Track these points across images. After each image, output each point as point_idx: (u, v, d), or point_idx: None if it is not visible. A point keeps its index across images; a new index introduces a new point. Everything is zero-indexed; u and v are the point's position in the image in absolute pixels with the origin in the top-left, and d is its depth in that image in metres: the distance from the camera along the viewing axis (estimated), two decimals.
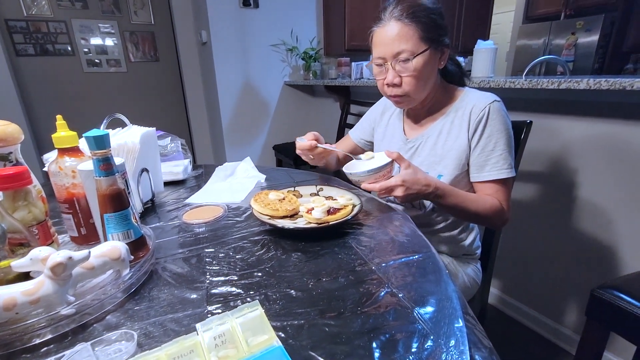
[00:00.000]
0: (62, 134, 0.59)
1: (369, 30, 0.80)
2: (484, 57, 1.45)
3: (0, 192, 0.49)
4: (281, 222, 0.64)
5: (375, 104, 1.05)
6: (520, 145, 0.91)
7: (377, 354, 0.35)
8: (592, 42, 3.21)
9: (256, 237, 0.63)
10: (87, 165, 0.56)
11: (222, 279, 0.50)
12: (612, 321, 0.72)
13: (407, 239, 0.61)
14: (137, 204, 0.75)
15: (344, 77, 2.60)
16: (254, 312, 0.39)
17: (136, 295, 0.47)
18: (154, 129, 0.87)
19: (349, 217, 0.64)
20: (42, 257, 0.40)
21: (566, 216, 1.26)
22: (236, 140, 2.82)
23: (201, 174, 1.08)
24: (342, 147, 1.10)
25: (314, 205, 0.67)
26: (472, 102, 0.80)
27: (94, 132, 0.48)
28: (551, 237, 1.33)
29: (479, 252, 0.96)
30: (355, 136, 1.08)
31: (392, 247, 0.58)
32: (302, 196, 0.78)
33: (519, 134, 0.90)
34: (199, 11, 2.61)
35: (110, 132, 0.75)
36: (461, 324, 0.39)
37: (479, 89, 0.86)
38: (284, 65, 2.83)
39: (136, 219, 0.54)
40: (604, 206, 1.15)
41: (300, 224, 0.65)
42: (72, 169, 0.59)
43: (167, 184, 0.97)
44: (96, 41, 2.66)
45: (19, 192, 0.50)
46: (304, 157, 0.89)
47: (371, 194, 0.81)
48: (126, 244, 0.50)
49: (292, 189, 0.80)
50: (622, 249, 1.13)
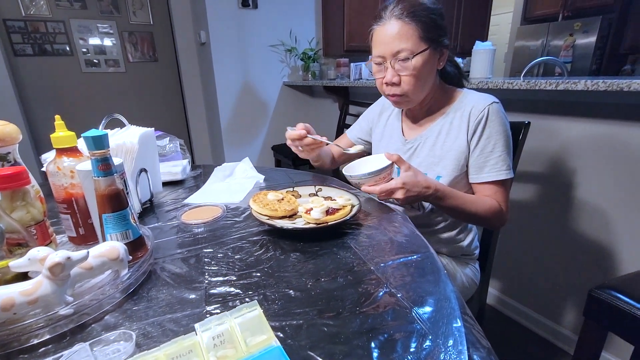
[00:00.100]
0: (61, 134, 0.58)
1: (369, 28, 0.80)
2: (482, 58, 1.45)
3: None
4: (280, 223, 0.64)
5: (373, 103, 1.05)
6: (518, 146, 0.91)
7: (375, 354, 0.35)
8: (589, 43, 3.22)
9: (255, 238, 0.63)
10: (86, 165, 0.56)
11: (221, 279, 0.50)
12: (610, 321, 0.72)
13: (405, 239, 0.61)
14: (135, 204, 0.74)
15: (343, 77, 2.60)
16: (252, 312, 0.39)
17: (135, 295, 0.47)
18: (153, 129, 0.87)
19: (348, 217, 0.64)
20: (41, 257, 0.40)
21: (564, 217, 1.26)
22: (235, 140, 2.82)
23: (200, 174, 1.08)
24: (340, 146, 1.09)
25: (313, 205, 0.67)
26: (471, 104, 0.80)
27: (92, 132, 0.48)
28: (549, 237, 1.33)
29: (477, 252, 0.96)
30: (352, 135, 1.08)
31: (391, 247, 0.58)
32: (300, 196, 0.78)
33: (517, 135, 0.91)
34: (198, 11, 2.61)
35: (108, 132, 0.75)
36: (459, 324, 0.39)
37: (477, 90, 0.86)
38: (282, 65, 2.83)
39: (135, 219, 0.54)
40: (602, 207, 1.16)
41: (299, 224, 0.65)
42: (71, 169, 0.59)
43: (165, 184, 0.97)
44: (95, 41, 2.66)
45: (17, 192, 0.49)
46: (293, 147, 0.88)
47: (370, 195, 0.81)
48: (125, 244, 0.50)
49: (290, 189, 0.80)
50: (620, 249, 1.13)
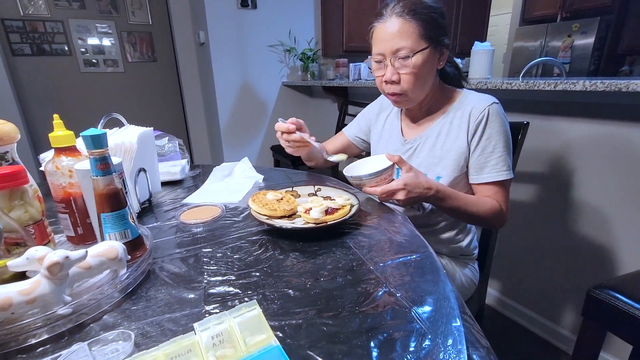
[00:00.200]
0: (59, 133, 0.58)
1: (369, 26, 0.80)
2: (481, 59, 1.46)
3: None
4: (279, 222, 0.64)
5: (372, 102, 1.04)
6: (517, 146, 0.91)
7: (375, 353, 0.35)
8: (588, 44, 3.23)
9: (254, 237, 0.63)
10: (84, 164, 0.56)
11: (220, 278, 0.50)
12: (609, 321, 0.72)
13: (405, 239, 0.61)
14: (134, 204, 0.74)
15: (342, 78, 2.60)
16: (251, 312, 0.39)
17: (133, 295, 0.47)
18: (152, 129, 0.87)
19: (347, 217, 0.64)
20: (39, 256, 0.40)
21: (562, 217, 1.26)
22: (234, 140, 2.82)
23: (199, 174, 1.08)
24: (335, 143, 1.08)
25: (312, 205, 0.67)
26: (471, 104, 0.80)
27: (91, 132, 0.48)
28: (547, 237, 1.33)
29: (476, 252, 0.96)
30: (350, 133, 1.07)
31: (390, 247, 0.58)
32: (300, 196, 0.78)
33: (516, 135, 0.91)
34: (197, 12, 2.61)
35: (107, 131, 0.74)
36: (459, 323, 0.39)
37: (476, 90, 0.86)
38: (282, 65, 2.83)
39: (133, 219, 0.54)
40: (601, 207, 1.16)
41: (298, 224, 0.65)
42: (69, 168, 0.58)
43: (164, 184, 0.97)
44: (93, 41, 2.65)
45: (16, 192, 0.49)
46: (281, 141, 0.86)
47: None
48: (123, 243, 0.50)
49: (290, 189, 0.80)
50: (618, 250, 1.14)
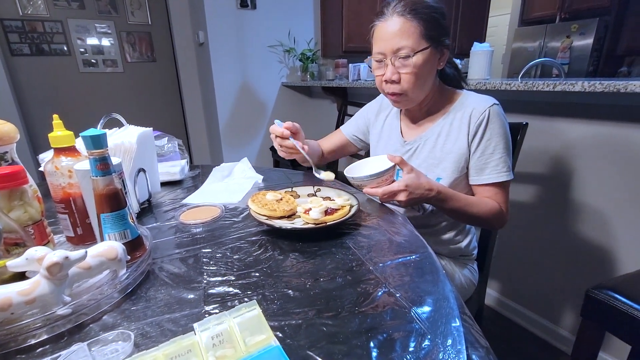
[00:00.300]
0: (59, 133, 0.58)
1: (370, 25, 0.79)
2: (480, 59, 1.46)
3: None
4: (279, 223, 0.64)
5: (371, 101, 1.04)
6: (516, 146, 0.91)
7: (374, 354, 0.35)
8: (586, 45, 3.24)
9: (253, 238, 0.63)
10: (84, 165, 0.56)
11: (220, 279, 0.50)
12: (607, 321, 0.72)
13: (404, 239, 0.61)
14: (133, 204, 0.74)
15: (342, 78, 2.60)
16: (251, 312, 0.39)
17: (133, 295, 0.47)
18: (151, 129, 0.87)
19: (347, 217, 0.64)
20: (38, 256, 0.40)
21: (561, 217, 1.27)
22: (233, 141, 2.82)
23: (198, 175, 1.08)
24: (331, 141, 1.08)
25: (312, 205, 0.67)
26: (471, 105, 0.80)
27: (91, 132, 0.48)
28: (546, 238, 1.34)
29: (476, 253, 0.97)
30: (347, 132, 1.06)
31: (390, 247, 0.58)
32: (299, 197, 0.78)
33: (515, 136, 0.91)
34: (196, 12, 2.61)
35: (107, 132, 0.74)
36: (458, 323, 0.40)
37: (475, 91, 0.86)
38: (281, 66, 2.83)
39: (133, 219, 0.54)
40: (599, 207, 1.16)
41: (297, 224, 0.65)
42: (69, 168, 0.58)
43: (164, 185, 0.97)
44: (92, 41, 2.65)
45: (15, 192, 0.49)
46: (275, 143, 0.85)
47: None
48: (123, 244, 0.50)
49: (289, 189, 0.80)
50: (617, 250, 1.14)
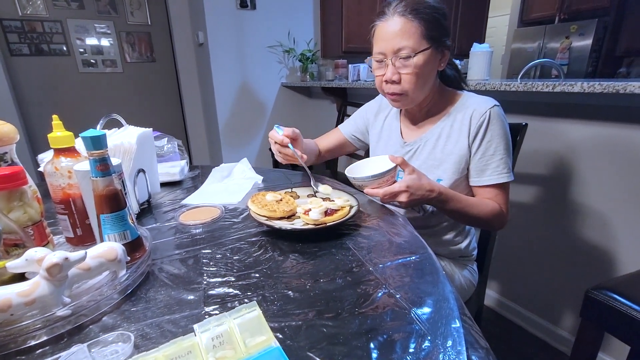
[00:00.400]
0: (58, 134, 0.58)
1: (371, 24, 0.79)
2: (479, 60, 1.46)
3: None
4: (278, 223, 0.64)
5: (370, 101, 1.04)
6: (515, 147, 0.92)
7: (374, 355, 0.35)
8: (585, 45, 3.25)
9: (253, 238, 0.63)
10: (84, 165, 0.56)
11: (220, 280, 0.50)
12: (607, 322, 0.72)
13: (404, 240, 0.61)
14: (133, 205, 0.74)
15: (341, 79, 2.60)
16: (251, 313, 0.39)
17: (133, 296, 0.47)
18: (151, 129, 0.87)
19: (347, 218, 0.64)
20: (38, 258, 0.40)
21: (561, 218, 1.27)
22: (233, 141, 2.82)
23: (198, 175, 1.08)
24: (329, 140, 1.07)
25: (312, 206, 0.67)
26: (472, 107, 0.79)
27: (90, 132, 0.48)
28: (546, 238, 1.34)
29: (475, 254, 0.97)
30: (346, 131, 1.06)
31: (390, 248, 0.58)
32: (299, 197, 0.78)
33: (515, 137, 0.91)
34: (196, 12, 2.61)
35: (106, 132, 0.74)
36: (458, 324, 0.40)
37: (475, 91, 0.86)
38: (281, 66, 2.83)
39: (133, 220, 0.54)
40: (599, 208, 1.16)
41: (297, 225, 0.65)
42: (68, 169, 0.58)
43: (163, 185, 0.97)
44: (92, 41, 2.65)
45: (15, 193, 0.49)
46: (273, 147, 0.85)
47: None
48: (123, 244, 0.50)
49: (289, 190, 0.80)
50: (616, 251, 1.14)
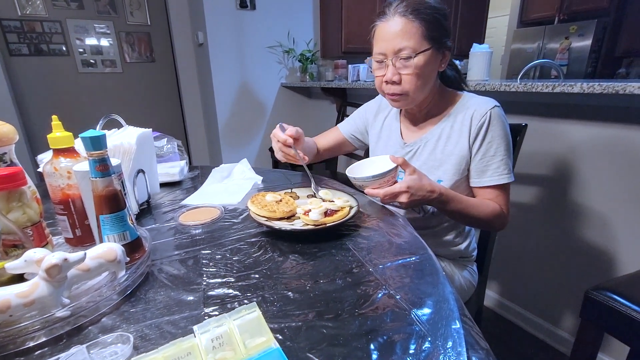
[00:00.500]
0: (58, 134, 0.58)
1: (371, 25, 0.79)
2: (479, 61, 1.46)
3: None
4: (278, 224, 0.64)
5: (370, 101, 1.03)
6: (515, 148, 0.91)
7: (374, 356, 0.35)
8: (585, 46, 3.25)
9: (253, 239, 0.63)
10: (83, 166, 0.56)
11: (219, 280, 0.50)
12: (606, 322, 0.72)
13: (404, 241, 0.61)
14: (133, 205, 0.74)
15: (341, 79, 2.60)
16: (251, 314, 0.39)
17: (132, 297, 0.47)
18: (150, 130, 0.87)
19: (346, 218, 0.64)
20: (37, 258, 0.40)
21: (561, 218, 1.27)
22: (232, 141, 2.81)
23: (197, 176, 1.08)
24: (328, 139, 1.07)
25: (311, 206, 0.67)
26: (472, 107, 0.79)
27: (90, 133, 0.48)
28: (546, 239, 1.34)
29: (475, 254, 0.97)
30: (345, 130, 1.06)
31: (390, 249, 0.58)
32: (299, 198, 0.78)
33: (515, 137, 0.91)
34: (196, 12, 2.60)
35: (106, 132, 0.74)
36: (458, 325, 0.40)
37: (475, 92, 0.86)
38: (280, 67, 2.83)
39: (132, 221, 0.54)
40: (599, 208, 1.16)
41: (297, 225, 0.65)
42: (68, 169, 0.58)
43: (163, 185, 0.97)
44: (91, 41, 2.64)
45: (14, 193, 0.49)
46: (274, 144, 0.84)
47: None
48: (122, 245, 0.49)
49: (289, 190, 0.80)
50: (616, 251, 1.14)
